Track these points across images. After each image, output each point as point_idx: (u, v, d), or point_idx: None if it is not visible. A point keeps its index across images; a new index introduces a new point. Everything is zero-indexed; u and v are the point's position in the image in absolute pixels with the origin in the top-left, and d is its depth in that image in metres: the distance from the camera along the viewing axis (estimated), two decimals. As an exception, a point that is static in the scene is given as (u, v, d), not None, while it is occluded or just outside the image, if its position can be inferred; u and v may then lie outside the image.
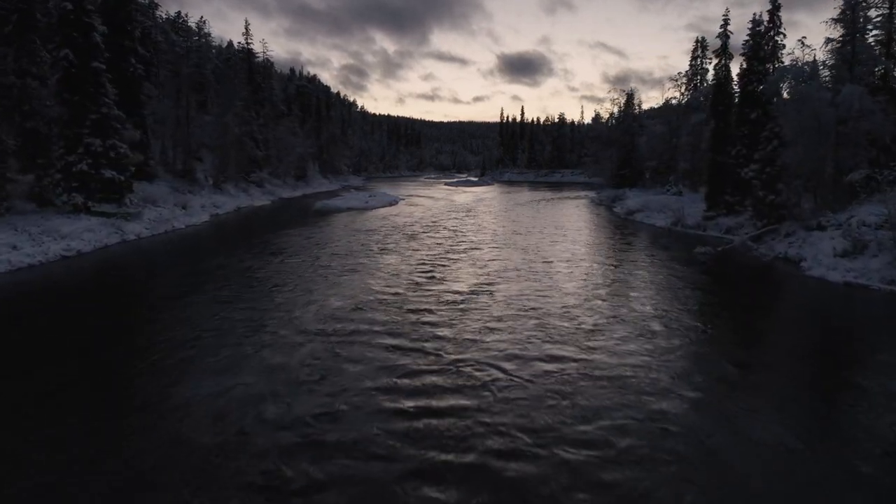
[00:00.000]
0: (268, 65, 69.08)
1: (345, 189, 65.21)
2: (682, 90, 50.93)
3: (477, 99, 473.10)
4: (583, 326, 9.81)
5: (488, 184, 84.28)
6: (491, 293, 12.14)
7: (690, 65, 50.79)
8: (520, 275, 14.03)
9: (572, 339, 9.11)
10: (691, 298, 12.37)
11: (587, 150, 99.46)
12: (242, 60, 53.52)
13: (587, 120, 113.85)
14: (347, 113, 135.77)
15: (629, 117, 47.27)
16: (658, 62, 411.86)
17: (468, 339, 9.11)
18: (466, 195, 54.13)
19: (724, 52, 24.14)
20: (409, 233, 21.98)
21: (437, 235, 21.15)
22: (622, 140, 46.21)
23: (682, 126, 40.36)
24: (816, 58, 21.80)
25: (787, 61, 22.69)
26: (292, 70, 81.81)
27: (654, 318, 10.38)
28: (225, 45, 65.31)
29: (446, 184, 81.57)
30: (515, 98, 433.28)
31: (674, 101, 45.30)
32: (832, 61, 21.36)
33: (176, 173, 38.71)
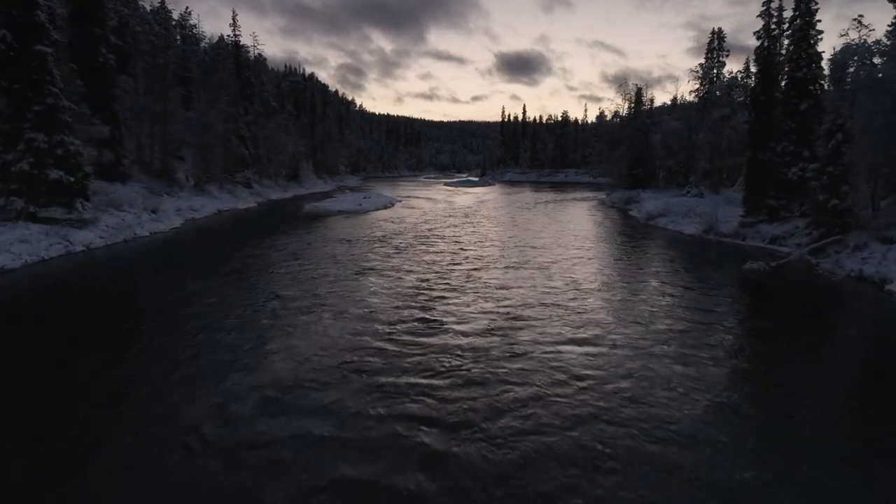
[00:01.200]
0: (260, 60, 66.08)
1: (340, 190, 62.26)
2: (699, 84, 48.00)
3: (475, 98, 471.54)
4: (672, 423, 6.10)
5: (489, 184, 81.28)
6: (511, 349, 8.42)
7: (706, 58, 47.88)
8: (549, 313, 10.52)
9: (666, 458, 5.43)
10: (784, 347, 9.24)
11: (591, 149, 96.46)
12: (230, 53, 50.44)
13: (591, 118, 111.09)
14: (346, 111, 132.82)
15: (641, 113, 44.22)
16: (657, 61, 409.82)
17: (479, 464, 5.31)
18: (468, 196, 51.10)
19: (767, 34, 21.00)
20: (403, 243, 18.83)
21: (435, 248, 18.07)
22: (634, 138, 43.18)
23: (700, 123, 37.37)
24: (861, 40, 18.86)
25: (821, 48, 19.80)
26: (287, 66, 78.83)
27: (765, 399, 7.05)
28: (216, 40, 62.36)
29: (446, 184, 78.58)
30: (514, 97, 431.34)
31: (690, 97, 42.30)
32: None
33: (153, 173, 35.72)
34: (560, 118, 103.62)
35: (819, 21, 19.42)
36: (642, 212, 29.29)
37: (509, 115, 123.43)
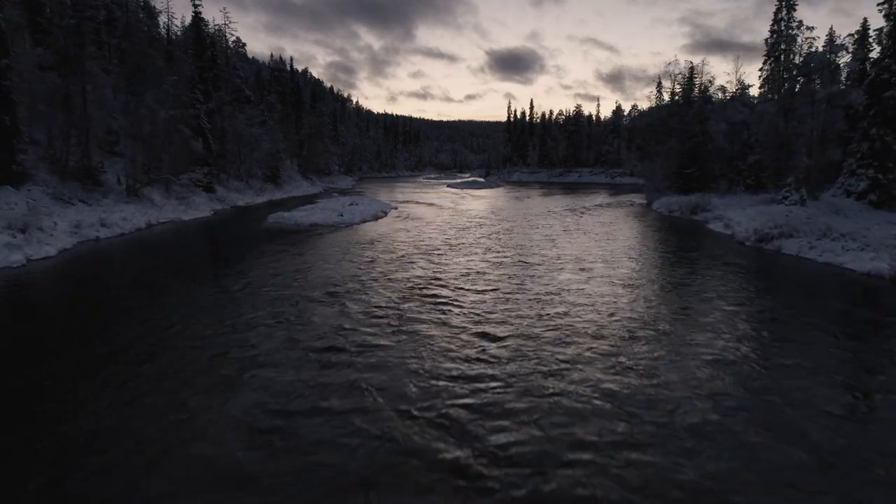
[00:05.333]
0: (238, 45, 57.42)
1: (327, 193, 53.54)
2: (763, 62, 39.36)
3: (469, 97, 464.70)
4: None
5: (498, 185, 72.63)
6: None
7: (771, 30, 39.25)
8: None
9: None
10: None
11: (609, 146, 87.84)
12: (190, 28, 41.68)
13: (605, 114, 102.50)
14: (341, 108, 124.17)
15: (696, 99, 35.51)
16: (652, 59, 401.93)
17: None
18: (477, 202, 42.41)
19: None
20: (384, 314, 9.74)
21: (448, 319, 9.35)
22: (688, 129, 34.45)
23: (788, 107, 28.70)
24: None
25: None
26: (272, 55, 70.13)
27: None
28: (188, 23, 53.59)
29: (449, 185, 69.82)
30: (508, 96, 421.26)
31: (750, 78, 33.65)
32: None
33: (70, 173, 27.08)
34: (572, 113, 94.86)
35: None
36: (739, 228, 20.53)
37: (515, 111, 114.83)
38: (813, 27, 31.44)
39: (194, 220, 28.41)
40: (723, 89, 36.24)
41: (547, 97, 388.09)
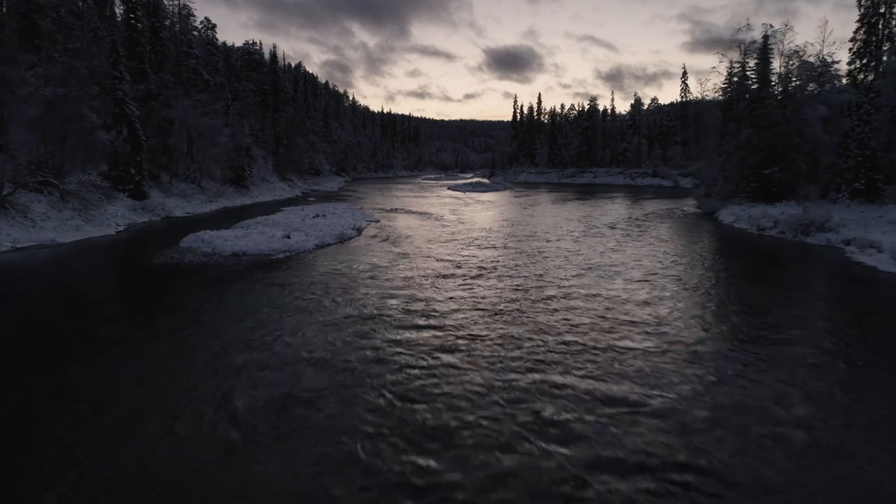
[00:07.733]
0: (208, 25, 48.98)
1: (304, 197, 44.92)
2: (856, 31, 30.79)
3: (468, 96, 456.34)
4: None
5: (503, 187, 63.83)
6: None
7: (866, -8, 30.63)
8: None
9: None
10: None
11: (629, 143, 79.01)
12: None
13: (621, 109, 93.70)
14: (335, 104, 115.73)
15: (781, 79, 26.73)
16: (651, 57, 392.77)
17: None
18: (482, 211, 33.74)
19: None
20: None
21: None
22: (771, 116, 25.76)
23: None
24: None
25: None
26: (247, 42, 61.36)
27: None
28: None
29: (449, 188, 60.99)
30: (508, 95, 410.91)
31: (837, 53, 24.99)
32: None
33: None
34: (586, 107, 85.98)
35: None
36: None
37: (522, 107, 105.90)
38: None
39: (82, 241, 19.71)
40: (807, 66, 27.54)
41: (547, 96, 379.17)
